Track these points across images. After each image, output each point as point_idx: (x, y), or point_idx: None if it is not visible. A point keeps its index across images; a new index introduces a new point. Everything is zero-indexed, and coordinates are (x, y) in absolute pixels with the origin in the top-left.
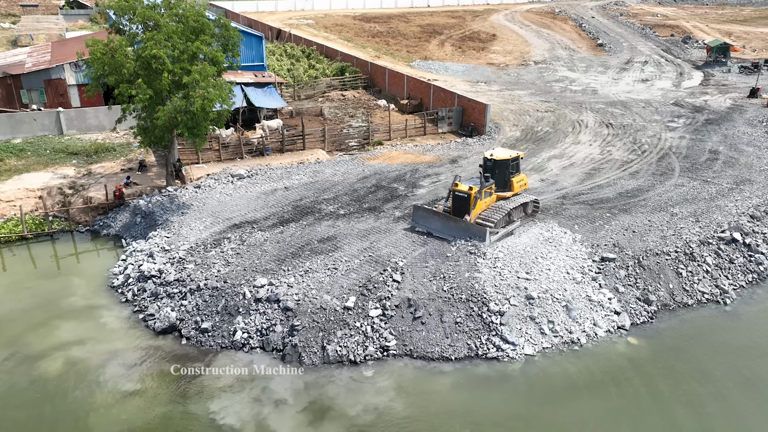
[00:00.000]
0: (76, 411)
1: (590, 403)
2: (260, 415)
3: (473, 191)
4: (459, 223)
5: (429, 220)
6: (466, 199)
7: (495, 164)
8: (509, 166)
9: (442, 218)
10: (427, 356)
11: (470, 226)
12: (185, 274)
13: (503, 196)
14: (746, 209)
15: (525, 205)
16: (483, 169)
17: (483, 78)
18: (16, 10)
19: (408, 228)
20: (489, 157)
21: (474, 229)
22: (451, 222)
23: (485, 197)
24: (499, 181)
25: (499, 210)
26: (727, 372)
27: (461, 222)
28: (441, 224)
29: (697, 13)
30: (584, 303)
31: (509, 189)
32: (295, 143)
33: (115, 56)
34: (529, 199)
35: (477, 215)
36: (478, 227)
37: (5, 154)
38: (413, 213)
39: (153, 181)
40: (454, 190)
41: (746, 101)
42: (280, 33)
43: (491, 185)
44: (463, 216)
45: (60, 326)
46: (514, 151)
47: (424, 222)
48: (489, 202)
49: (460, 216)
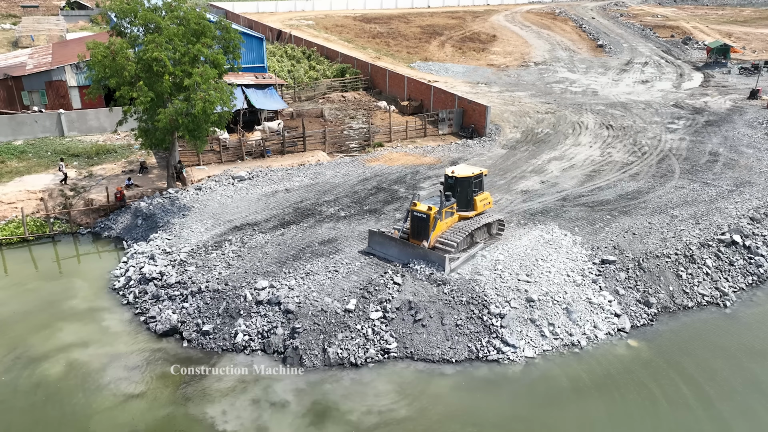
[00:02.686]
0: (77, 413)
1: (591, 406)
2: (261, 417)
3: (432, 211)
4: (416, 250)
5: (386, 246)
6: (425, 219)
7: (456, 182)
8: (472, 184)
9: (399, 244)
10: (427, 359)
11: (428, 253)
12: (186, 276)
13: (466, 215)
14: (746, 211)
15: (489, 226)
16: (444, 188)
17: (483, 79)
18: (17, 11)
19: (365, 252)
20: (450, 174)
21: (432, 257)
22: (408, 248)
23: (446, 217)
24: (461, 200)
25: (460, 231)
26: (727, 374)
27: (419, 249)
28: (398, 250)
29: (698, 13)
30: (584, 305)
31: (472, 208)
32: (296, 145)
33: (116, 59)
34: (493, 219)
35: (437, 237)
36: (437, 254)
37: (6, 155)
38: (369, 238)
39: (154, 183)
40: (413, 210)
41: (746, 103)
42: (281, 34)
43: (452, 204)
44: (422, 239)
45: (62, 328)
46: (476, 167)
47: (381, 248)
48: (450, 223)
49: (420, 238)
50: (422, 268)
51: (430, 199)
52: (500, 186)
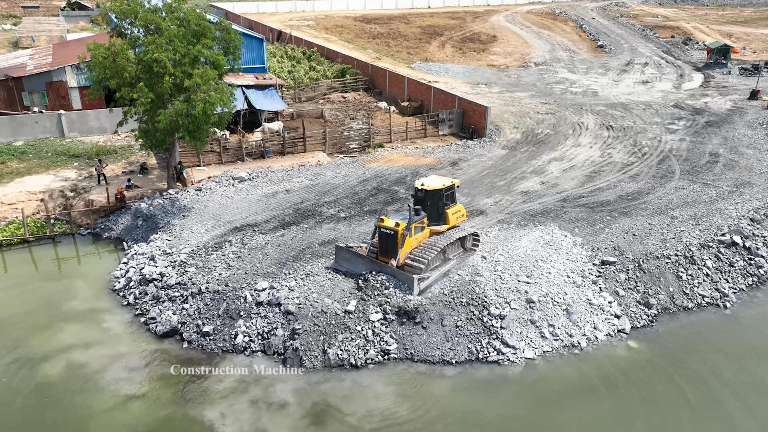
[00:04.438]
0: (77, 414)
1: (591, 407)
2: (261, 418)
3: (400, 227)
4: (384, 269)
5: (353, 262)
6: (392, 236)
7: (427, 195)
8: (443, 197)
9: (367, 262)
10: (427, 360)
11: (396, 272)
12: (186, 277)
13: (437, 230)
14: (746, 212)
15: (463, 240)
16: (414, 201)
17: (483, 80)
18: (17, 11)
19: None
20: (420, 186)
21: (401, 277)
22: (375, 266)
23: (416, 233)
24: (432, 214)
25: (431, 248)
26: (728, 375)
27: (386, 267)
28: (366, 268)
29: (698, 14)
30: (584, 306)
31: (444, 222)
32: (296, 146)
33: (116, 60)
34: (467, 233)
35: (407, 254)
36: (405, 275)
37: (7, 156)
38: (336, 254)
39: (154, 183)
40: (380, 227)
41: (746, 103)
42: (281, 34)
43: (423, 219)
44: (391, 256)
45: (62, 329)
46: (448, 179)
47: (348, 264)
48: (421, 238)
49: (388, 255)
50: (389, 292)
51: (399, 214)
52: (500, 187)
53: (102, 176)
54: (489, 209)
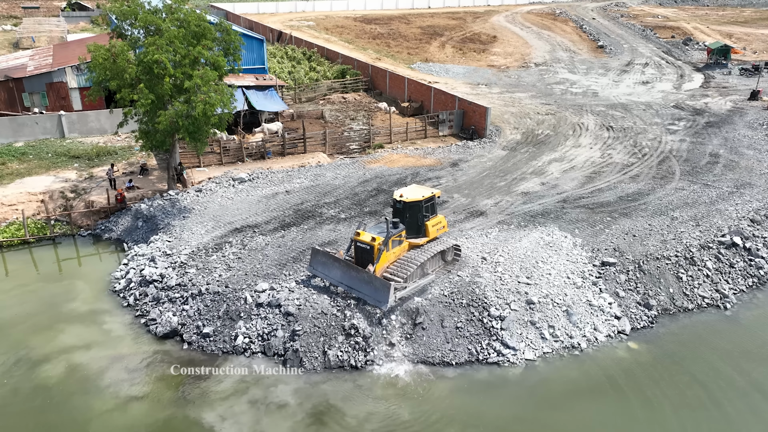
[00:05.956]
0: (78, 416)
1: (591, 408)
2: (261, 420)
3: (377, 242)
4: (361, 274)
5: (329, 267)
6: (369, 251)
7: (405, 207)
8: (422, 209)
9: (343, 266)
10: (428, 361)
11: (374, 278)
12: (187, 278)
13: (416, 243)
14: (746, 213)
15: (443, 253)
16: (392, 213)
17: (484, 80)
18: (18, 12)
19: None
20: (398, 198)
21: (377, 283)
22: (352, 271)
23: (394, 247)
24: (411, 226)
25: (409, 263)
26: (728, 377)
27: (364, 273)
28: (341, 273)
29: (698, 14)
30: (585, 308)
31: (424, 235)
32: (296, 146)
33: (116, 61)
34: (447, 246)
35: (382, 270)
36: (382, 281)
37: (7, 157)
38: (311, 256)
39: (154, 184)
40: (356, 240)
41: (747, 104)
42: (281, 35)
43: (401, 232)
44: (368, 264)
45: (62, 330)
46: (428, 189)
47: (323, 269)
48: (399, 252)
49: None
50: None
51: (377, 226)
52: (500, 188)
53: (113, 181)
54: (489, 210)
